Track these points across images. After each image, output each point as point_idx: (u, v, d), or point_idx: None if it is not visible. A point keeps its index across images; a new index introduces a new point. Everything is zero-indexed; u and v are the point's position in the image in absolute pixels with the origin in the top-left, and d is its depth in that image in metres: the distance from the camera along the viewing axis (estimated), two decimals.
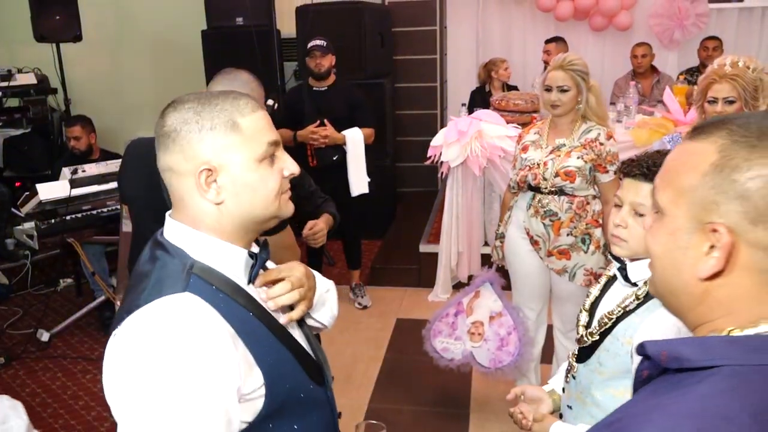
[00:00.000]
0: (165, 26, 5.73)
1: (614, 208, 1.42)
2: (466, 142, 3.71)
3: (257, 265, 1.03)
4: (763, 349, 0.68)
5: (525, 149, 2.56)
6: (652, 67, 4.97)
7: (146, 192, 1.77)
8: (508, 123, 3.84)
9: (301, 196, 2.28)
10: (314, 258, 4.11)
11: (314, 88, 3.88)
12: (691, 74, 4.75)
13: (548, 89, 2.46)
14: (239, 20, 4.93)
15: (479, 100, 4.93)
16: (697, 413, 0.64)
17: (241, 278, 1.00)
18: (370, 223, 4.61)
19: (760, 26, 5.51)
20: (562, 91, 2.43)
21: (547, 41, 5.19)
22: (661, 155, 1.35)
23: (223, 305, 0.92)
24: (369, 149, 4.10)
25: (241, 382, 0.90)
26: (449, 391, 3.08)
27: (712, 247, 0.70)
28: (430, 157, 3.91)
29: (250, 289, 1.01)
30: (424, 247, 4.29)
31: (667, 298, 0.79)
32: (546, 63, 5.18)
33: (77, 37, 4.87)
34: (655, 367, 0.75)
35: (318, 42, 3.77)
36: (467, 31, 5.96)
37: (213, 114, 0.96)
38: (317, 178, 3.77)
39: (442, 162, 3.87)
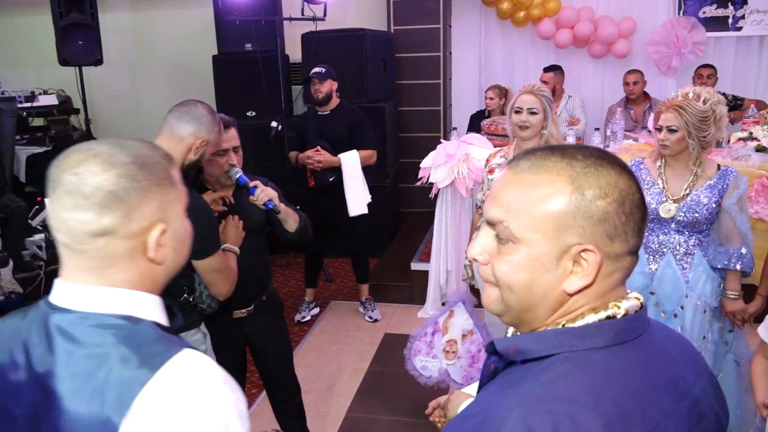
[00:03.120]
0: (179, 52, 6.04)
1: None
2: (453, 165, 3.87)
3: None
4: (588, 335, 0.80)
5: (491, 171, 2.72)
6: (644, 93, 5.07)
7: None
8: (496, 147, 3.99)
9: (272, 220, 2.37)
10: (312, 274, 4.30)
11: (318, 113, 4.08)
12: None
13: (518, 111, 2.63)
14: (248, 46, 5.19)
15: (478, 124, 5.09)
16: (545, 394, 0.74)
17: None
18: (371, 241, 4.78)
19: (757, 54, 5.60)
20: (532, 113, 2.60)
21: (545, 70, 5.33)
22: None
23: None
24: (369, 170, 4.28)
25: None
26: (425, 403, 3.16)
27: (574, 263, 0.80)
28: (420, 177, 4.08)
29: None
30: (415, 265, 4.44)
31: (521, 313, 0.85)
32: None
33: (98, 61, 5.15)
34: (501, 362, 0.87)
35: (316, 70, 3.97)
36: (470, 57, 6.15)
37: (158, 167, 0.93)
38: (316, 198, 4.03)
39: (431, 183, 4.03)
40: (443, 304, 4.22)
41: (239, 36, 5.17)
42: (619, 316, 0.82)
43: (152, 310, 0.93)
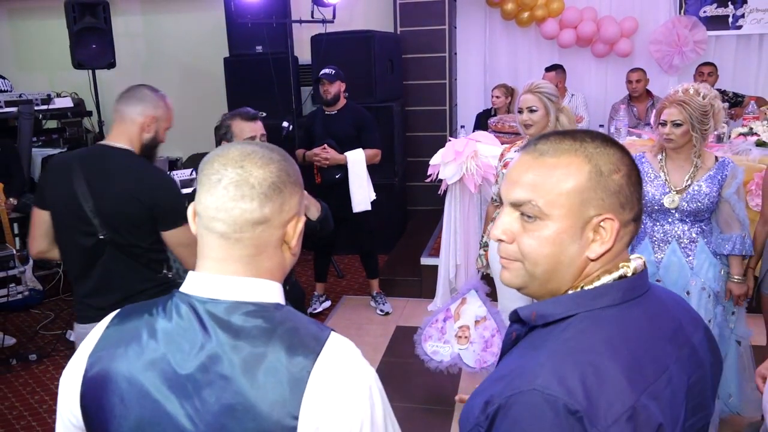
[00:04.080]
0: (191, 54, 6.17)
1: None
2: (462, 161, 3.97)
3: None
4: (600, 296, 0.90)
5: (506, 165, 2.83)
6: (647, 91, 5.18)
7: (66, 200, 2.04)
8: (503, 144, 4.10)
9: None
10: (321, 269, 4.41)
11: (326, 112, 4.20)
12: None
13: (520, 111, 2.75)
14: (259, 48, 5.31)
15: (484, 123, 5.21)
16: (570, 349, 0.85)
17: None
18: (379, 237, 4.89)
19: (758, 52, 5.70)
20: (531, 111, 2.73)
21: (547, 69, 5.45)
22: None
23: None
24: (376, 168, 4.39)
25: None
26: (437, 390, 3.31)
27: (594, 232, 0.90)
28: (430, 174, 4.19)
29: None
30: (425, 260, 4.55)
31: (545, 283, 0.94)
32: None
33: (111, 64, 5.25)
34: (523, 328, 0.97)
35: (326, 71, 4.10)
36: (475, 57, 6.27)
37: (295, 167, 1.01)
38: (322, 194, 4.12)
39: (440, 180, 4.14)
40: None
41: (250, 38, 5.28)
42: (629, 275, 0.92)
43: (282, 297, 0.99)
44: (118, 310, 1.00)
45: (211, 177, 0.93)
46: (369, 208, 4.20)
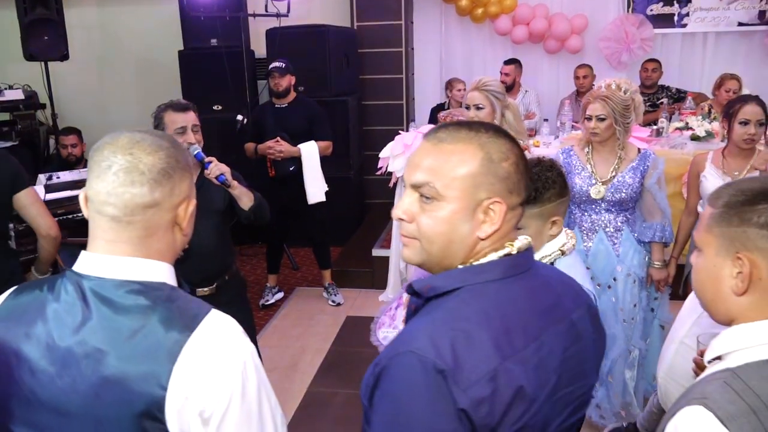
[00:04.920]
0: (146, 47, 6.13)
1: None
2: (410, 154, 4.06)
3: None
4: (484, 271, 0.99)
5: None
6: (593, 86, 5.32)
7: None
8: None
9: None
10: (274, 260, 4.46)
11: (276, 105, 4.24)
12: None
13: (468, 107, 2.84)
14: (213, 41, 5.31)
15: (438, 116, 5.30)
16: (447, 317, 0.95)
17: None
18: (335, 230, 4.95)
19: (702, 50, 5.90)
20: (478, 108, 2.81)
21: (506, 63, 5.58)
22: (541, 168, 1.66)
23: None
24: (331, 161, 4.44)
25: None
26: None
27: (485, 214, 0.99)
28: (380, 167, 4.27)
29: None
30: (376, 252, 4.63)
31: (441, 260, 1.02)
32: (503, 84, 5.56)
33: (65, 56, 5.18)
34: (420, 301, 1.06)
35: (276, 64, 4.13)
36: (432, 52, 6.36)
37: (185, 153, 1.09)
38: (276, 187, 4.19)
39: (391, 172, 4.22)
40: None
41: (205, 32, 5.28)
42: (513, 253, 1.01)
43: (172, 278, 1.06)
44: (16, 287, 1.06)
45: (101, 164, 0.99)
46: (323, 199, 4.25)
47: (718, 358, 0.96)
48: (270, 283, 4.47)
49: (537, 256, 1.59)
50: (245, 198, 2.48)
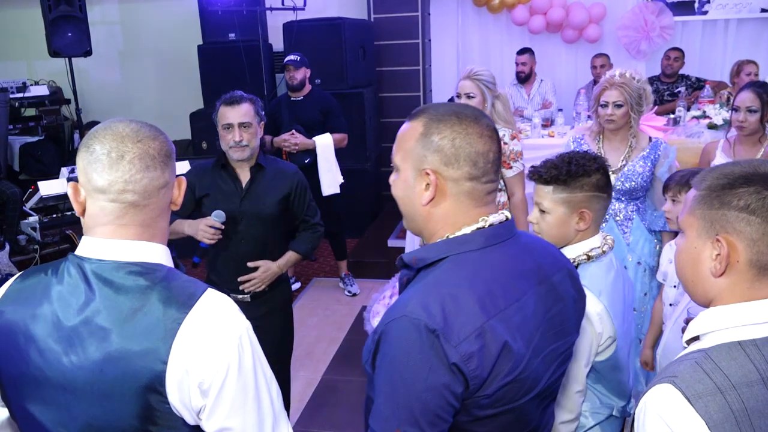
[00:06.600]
0: (166, 42, 6.24)
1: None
2: None
3: None
4: (466, 242, 1.09)
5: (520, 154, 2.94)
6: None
7: None
8: None
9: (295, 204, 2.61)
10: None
11: (291, 99, 4.29)
12: (651, 82, 5.07)
13: (458, 96, 2.85)
14: (232, 36, 5.39)
15: None
16: (435, 283, 1.05)
17: None
18: (351, 221, 5.00)
19: (723, 37, 5.81)
20: (469, 97, 2.83)
21: (519, 52, 5.55)
22: (561, 161, 1.62)
23: None
24: (347, 153, 4.48)
25: None
26: None
27: (427, 184, 1.10)
28: None
29: None
30: (392, 242, 4.67)
31: (411, 224, 1.19)
32: (521, 73, 5.55)
33: (88, 52, 5.31)
34: (410, 273, 1.15)
35: (291, 57, 4.18)
36: (449, 43, 6.35)
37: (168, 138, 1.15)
38: None
39: None
40: None
41: (223, 26, 5.36)
42: (486, 226, 1.10)
43: (169, 259, 1.11)
44: (21, 272, 1.13)
45: (110, 154, 1.03)
46: (338, 191, 4.30)
47: (696, 338, 0.98)
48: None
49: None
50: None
